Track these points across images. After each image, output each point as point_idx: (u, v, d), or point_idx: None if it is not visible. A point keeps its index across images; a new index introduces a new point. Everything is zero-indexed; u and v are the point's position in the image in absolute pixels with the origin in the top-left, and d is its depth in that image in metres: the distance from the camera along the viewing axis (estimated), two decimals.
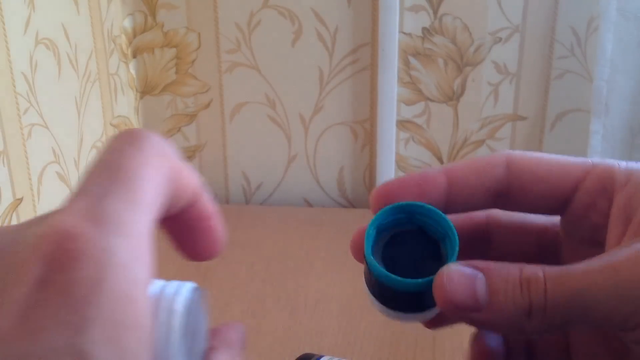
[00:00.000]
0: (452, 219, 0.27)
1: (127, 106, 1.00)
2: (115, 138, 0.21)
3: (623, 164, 0.27)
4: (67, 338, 0.17)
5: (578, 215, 0.28)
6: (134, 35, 0.99)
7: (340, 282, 0.80)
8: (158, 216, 0.21)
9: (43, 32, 0.74)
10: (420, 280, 0.25)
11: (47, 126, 0.75)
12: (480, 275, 0.24)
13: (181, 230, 0.24)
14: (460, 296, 0.24)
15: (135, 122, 1.02)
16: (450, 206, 0.28)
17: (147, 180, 0.20)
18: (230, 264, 0.84)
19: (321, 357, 0.47)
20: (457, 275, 0.24)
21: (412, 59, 0.97)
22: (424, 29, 0.95)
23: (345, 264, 0.83)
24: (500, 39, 0.95)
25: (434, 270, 0.25)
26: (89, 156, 0.87)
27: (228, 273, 0.82)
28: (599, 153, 0.89)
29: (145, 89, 1.03)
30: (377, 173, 1.01)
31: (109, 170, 0.20)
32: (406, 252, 0.27)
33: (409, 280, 0.25)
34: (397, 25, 0.93)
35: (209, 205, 0.24)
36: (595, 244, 0.27)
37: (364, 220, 0.27)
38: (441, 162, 1.02)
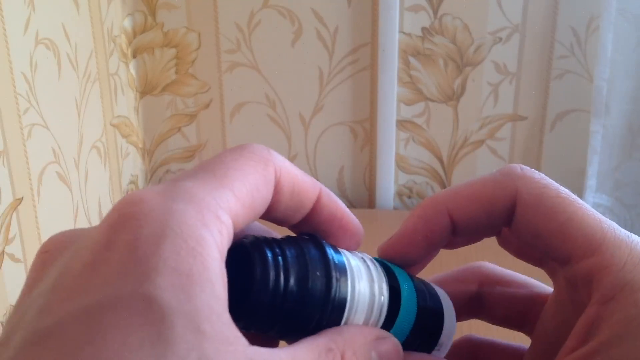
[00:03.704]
0: (446, 287, 0.27)
1: (127, 106, 1.00)
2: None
3: (631, 262, 0.23)
4: (132, 287, 0.17)
5: (565, 283, 0.26)
6: (134, 35, 0.99)
7: None
8: (249, 206, 0.21)
9: (43, 32, 0.74)
10: None
11: (47, 126, 0.75)
12: None
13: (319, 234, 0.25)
14: None
15: (135, 122, 1.02)
16: (456, 238, 0.27)
17: (236, 170, 0.21)
18: None
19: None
20: None
21: (412, 59, 0.97)
22: (424, 29, 0.95)
23: None
24: (500, 39, 0.95)
25: None
26: (89, 156, 0.87)
27: None
28: (598, 153, 0.89)
29: (145, 89, 1.03)
30: (377, 173, 1.01)
31: (201, 165, 0.21)
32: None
33: None
34: (397, 25, 0.93)
35: (333, 204, 0.24)
36: (563, 329, 0.25)
37: (363, 220, 0.26)
38: (441, 162, 1.02)
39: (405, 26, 0.95)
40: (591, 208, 0.24)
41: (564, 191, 0.25)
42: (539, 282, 0.29)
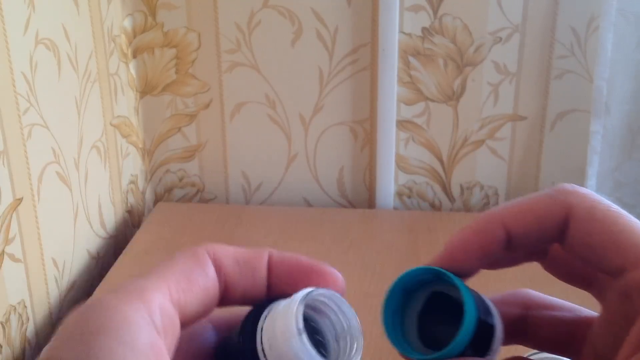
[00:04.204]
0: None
1: (127, 106, 1.00)
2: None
3: None
4: (43, 357, 0.20)
5: (617, 302, 0.26)
6: (134, 35, 0.99)
7: None
8: (184, 282, 0.23)
9: (43, 32, 0.74)
10: (428, 356, 0.26)
11: (47, 126, 0.75)
12: None
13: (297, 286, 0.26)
14: None
15: (135, 122, 1.02)
16: (510, 251, 0.27)
17: (164, 263, 0.23)
18: None
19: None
20: None
21: (412, 59, 0.97)
22: (424, 29, 0.95)
23: (345, 264, 0.83)
24: (500, 39, 0.95)
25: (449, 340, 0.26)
26: (89, 156, 0.87)
27: None
28: (598, 153, 0.89)
29: (145, 89, 1.03)
30: (377, 173, 1.01)
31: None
32: (438, 314, 0.28)
33: (415, 356, 0.26)
34: (397, 25, 0.93)
35: (288, 257, 0.26)
36: (614, 346, 0.25)
37: (364, 220, 0.27)
38: (441, 162, 1.02)
39: (405, 26, 0.95)
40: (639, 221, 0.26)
41: (614, 205, 0.26)
42: (584, 308, 0.29)
